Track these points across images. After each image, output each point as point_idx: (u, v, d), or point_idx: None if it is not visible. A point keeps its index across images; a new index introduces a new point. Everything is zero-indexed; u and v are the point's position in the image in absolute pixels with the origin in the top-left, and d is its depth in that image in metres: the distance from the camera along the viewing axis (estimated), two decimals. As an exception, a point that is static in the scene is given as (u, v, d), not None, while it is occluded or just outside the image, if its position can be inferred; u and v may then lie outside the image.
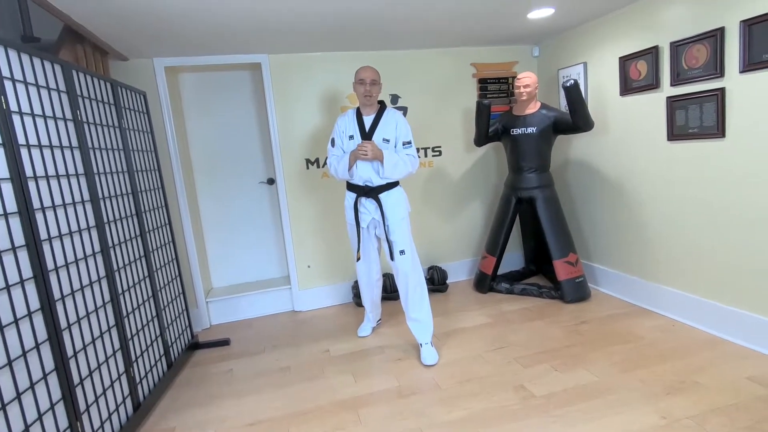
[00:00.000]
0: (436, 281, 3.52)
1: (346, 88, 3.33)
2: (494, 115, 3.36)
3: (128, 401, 2.01)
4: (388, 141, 2.42)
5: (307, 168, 3.34)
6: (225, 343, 2.92)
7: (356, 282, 3.45)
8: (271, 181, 3.55)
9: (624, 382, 2.04)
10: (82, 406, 1.66)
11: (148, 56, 2.92)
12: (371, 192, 2.43)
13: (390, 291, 3.36)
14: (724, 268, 2.36)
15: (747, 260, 2.24)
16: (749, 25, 2.08)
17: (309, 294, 3.46)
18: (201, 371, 2.58)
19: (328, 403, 2.11)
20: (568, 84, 2.76)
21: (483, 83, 3.62)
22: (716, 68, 2.25)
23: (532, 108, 3.11)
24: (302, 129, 3.29)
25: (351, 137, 2.47)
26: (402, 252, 2.42)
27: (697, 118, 2.39)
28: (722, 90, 2.24)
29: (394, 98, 3.45)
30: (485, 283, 3.41)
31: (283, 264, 3.67)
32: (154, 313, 2.40)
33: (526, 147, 3.13)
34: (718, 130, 2.28)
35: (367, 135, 2.43)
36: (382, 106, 2.49)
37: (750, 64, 2.10)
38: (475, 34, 3.11)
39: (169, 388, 2.40)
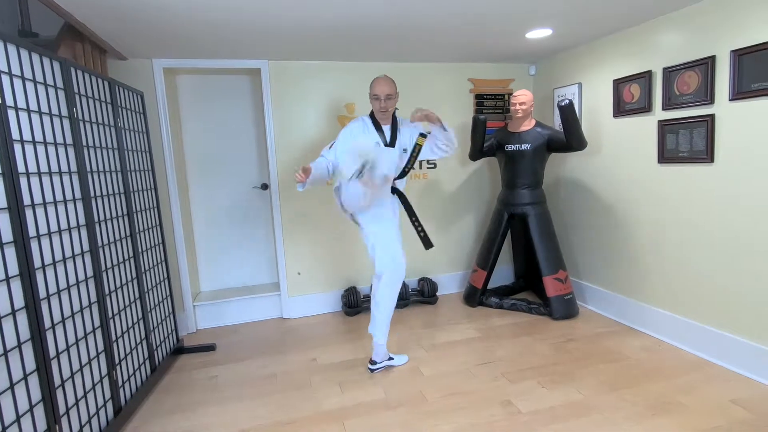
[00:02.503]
0: (426, 293, 3.52)
1: (343, 97, 3.35)
2: (490, 131, 3.40)
3: (109, 405, 1.96)
4: (406, 151, 2.47)
5: (302, 175, 3.33)
6: (211, 348, 2.88)
7: (346, 291, 3.43)
8: (264, 187, 3.54)
9: (610, 401, 2.05)
10: (62, 409, 1.62)
11: (147, 57, 2.92)
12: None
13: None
14: (710, 290, 2.39)
15: (732, 283, 2.28)
16: (739, 55, 2.14)
17: (298, 301, 3.43)
18: (185, 376, 2.54)
19: (313, 413, 2.09)
20: (563, 103, 2.81)
21: (479, 99, 3.67)
22: (707, 95, 2.30)
23: (527, 125, 3.15)
24: (298, 136, 3.30)
25: (377, 144, 2.41)
26: None
27: (687, 143, 2.44)
28: (712, 116, 2.29)
29: (392, 109, 3.47)
30: (475, 296, 3.41)
31: (273, 270, 3.64)
32: (140, 316, 2.36)
33: (519, 163, 3.17)
34: (707, 155, 2.34)
35: (389, 145, 2.43)
36: (394, 116, 2.48)
37: (739, 92, 2.16)
38: (473, 50, 3.16)
39: (152, 393, 2.35)
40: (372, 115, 2.46)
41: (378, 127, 2.43)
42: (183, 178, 3.31)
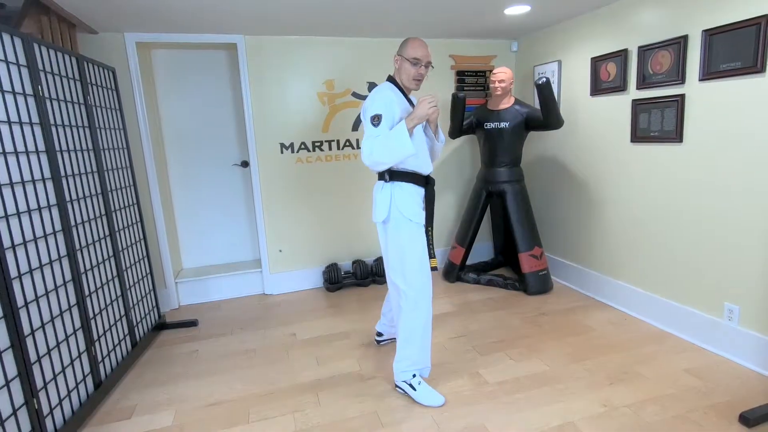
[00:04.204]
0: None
1: (322, 73, 3.31)
2: (470, 108, 3.40)
3: (89, 379, 2.02)
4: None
5: (281, 152, 3.33)
6: (192, 324, 2.94)
7: (327, 267, 3.49)
8: (245, 164, 3.53)
9: (572, 372, 2.15)
10: (39, 384, 1.67)
11: (119, 30, 2.84)
12: (430, 181, 2.13)
13: None
14: (673, 266, 2.48)
15: (693, 259, 2.36)
16: (711, 35, 2.16)
17: (280, 278, 3.49)
18: (166, 351, 2.60)
19: (288, 385, 2.17)
20: (540, 81, 2.81)
21: (461, 75, 3.65)
22: (678, 75, 2.33)
23: (506, 103, 3.16)
24: (277, 113, 3.27)
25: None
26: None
27: (659, 122, 2.48)
28: (682, 96, 2.32)
29: (372, 86, 3.44)
30: (453, 272, 3.49)
31: (254, 247, 3.68)
32: (118, 293, 2.40)
33: (498, 141, 3.19)
34: (676, 134, 2.38)
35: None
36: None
37: (709, 73, 2.19)
38: (454, 25, 3.12)
39: (133, 367, 2.42)
40: (393, 82, 2.00)
41: (406, 98, 2.00)
42: (161, 156, 3.29)
